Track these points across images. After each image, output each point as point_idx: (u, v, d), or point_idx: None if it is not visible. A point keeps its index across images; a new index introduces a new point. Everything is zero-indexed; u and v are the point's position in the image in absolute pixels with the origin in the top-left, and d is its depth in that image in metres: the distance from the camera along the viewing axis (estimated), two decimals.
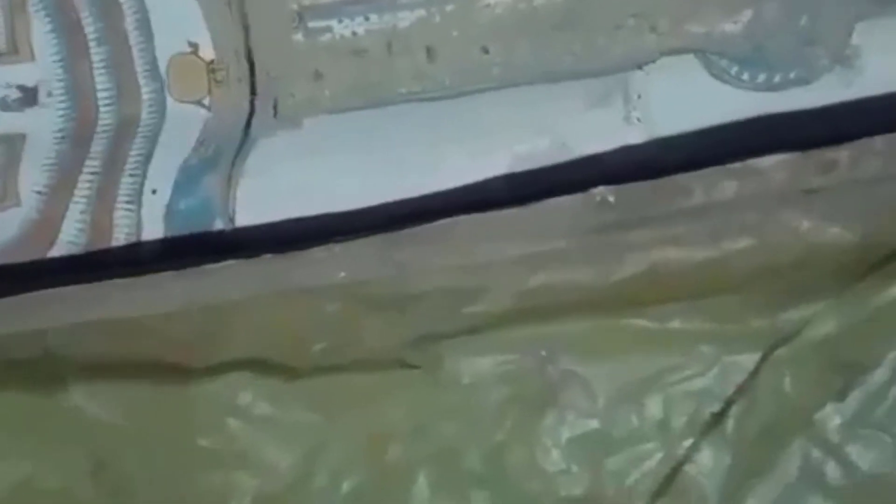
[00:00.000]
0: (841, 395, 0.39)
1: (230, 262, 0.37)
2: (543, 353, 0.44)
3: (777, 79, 0.36)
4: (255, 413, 0.45)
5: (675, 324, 0.42)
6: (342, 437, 0.45)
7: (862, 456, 0.39)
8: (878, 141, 0.33)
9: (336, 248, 0.38)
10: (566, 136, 0.39)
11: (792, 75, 0.36)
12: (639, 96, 0.38)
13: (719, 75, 0.37)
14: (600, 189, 0.36)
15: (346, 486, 0.45)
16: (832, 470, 0.39)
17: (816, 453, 0.39)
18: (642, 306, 0.42)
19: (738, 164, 0.34)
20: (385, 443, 0.45)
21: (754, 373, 0.40)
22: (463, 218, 0.37)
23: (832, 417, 0.39)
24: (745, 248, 0.40)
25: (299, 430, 0.45)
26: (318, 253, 0.38)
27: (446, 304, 0.45)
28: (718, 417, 0.41)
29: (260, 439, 0.45)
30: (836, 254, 0.39)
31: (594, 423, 0.43)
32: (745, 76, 0.37)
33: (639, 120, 0.38)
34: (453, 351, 0.45)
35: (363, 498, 0.45)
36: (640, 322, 0.42)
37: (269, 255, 0.38)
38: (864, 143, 0.34)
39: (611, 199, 0.36)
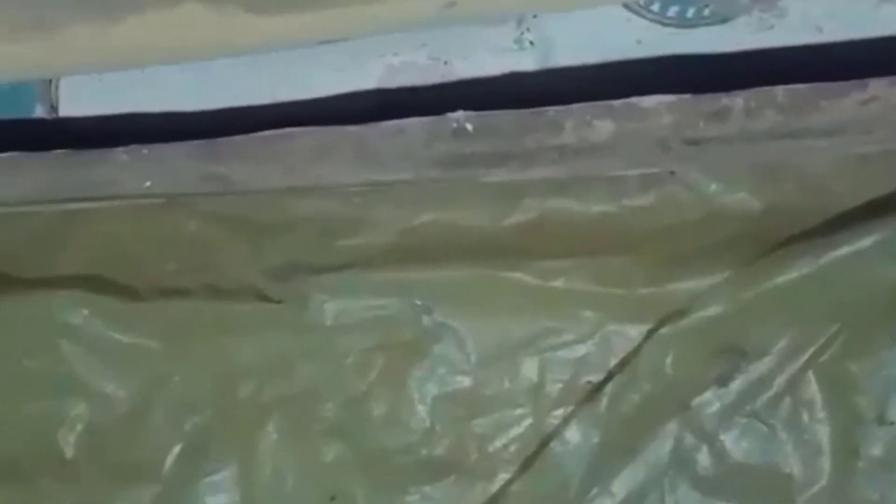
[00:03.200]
0: (723, 381, 0.36)
1: (13, 153, 0.31)
2: (418, 301, 0.40)
3: (690, 14, 0.31)
4: (90, 335, 0.40)
5: (560, 283, 0.38)
6: (186, 370, 0.41)
7: (736, 445, 0.36)
8: (780, 92, 0.28)
9: (143, 151, 0.32)
10: (449, 52, 0.34)
11: (707, 11, 0.31)
12: (535, 16, 0.33)
13: (629, 3, 0.32)
14: (458, 114, 0.30)
15: (187, 425, 0.41)
16: (703, 457, 0.37)
17: (690, 439, 0.37)
18: (529, 259, 0.38)
19: (616, 102, 0.29)
20: (234, 381, 0.41)
21: (636, 349, 0.37)
22: (295, 130, 0.31)
23: (711, 403, 0.36)
24: (644, 206, 0.37)
25: (138, 357, 0.40)
26: (120, 155, 0.32)
27: (321, 234, 0.40)
28: (596, 389, 0.37)
29: (94, 365, 0.40)
30: (737, 222, 0.36)
31: (465, 382, 0.39)
32: (656, 6, 0.32)
33: (532, 44, 0.33)
34: (321, 288, 0.40)
35: (205, 439, 0.41)
36: (524, 277, 0.38)
37: (61, 151, 0.32)
38: (764, 91, 0.29)
39: (469, 126, 0.31)
